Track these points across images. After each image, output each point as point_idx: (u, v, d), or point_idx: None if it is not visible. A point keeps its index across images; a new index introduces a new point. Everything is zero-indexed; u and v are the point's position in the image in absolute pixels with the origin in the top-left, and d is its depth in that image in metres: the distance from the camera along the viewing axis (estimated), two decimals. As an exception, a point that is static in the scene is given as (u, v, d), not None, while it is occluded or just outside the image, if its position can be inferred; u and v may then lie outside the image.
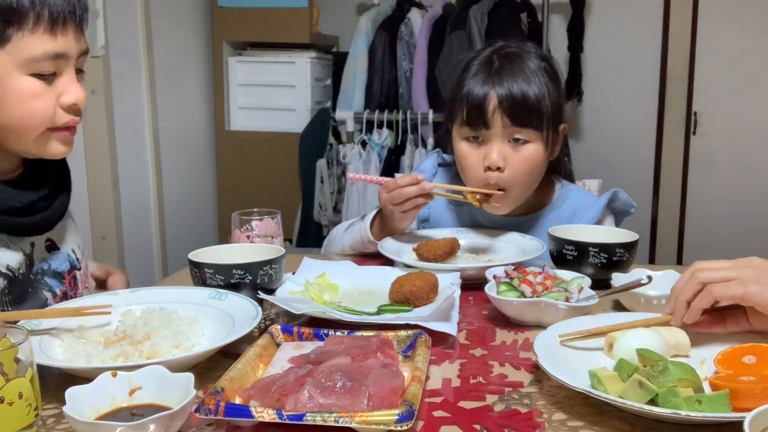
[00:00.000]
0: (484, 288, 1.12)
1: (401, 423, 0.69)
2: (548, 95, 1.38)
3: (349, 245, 1.51)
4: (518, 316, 1.08)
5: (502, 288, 1.12)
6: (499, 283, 1.13)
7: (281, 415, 0.71)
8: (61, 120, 1.07)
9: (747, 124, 3.64)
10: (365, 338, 0.91)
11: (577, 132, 3.84)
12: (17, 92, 1.03)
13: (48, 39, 1.02)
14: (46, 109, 1.05)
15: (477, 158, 1.40)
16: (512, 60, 1.40)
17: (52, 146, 1.09)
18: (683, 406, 0.73)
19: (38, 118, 1.05)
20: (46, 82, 1.04)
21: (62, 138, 1.09)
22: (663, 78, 3.76)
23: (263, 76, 3.51)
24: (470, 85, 1.40)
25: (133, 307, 1.03)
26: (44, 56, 1.02)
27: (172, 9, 3.22)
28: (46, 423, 0.77)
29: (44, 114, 1.05)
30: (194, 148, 3.54)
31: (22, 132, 1.06)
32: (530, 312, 1.06)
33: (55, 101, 1.06)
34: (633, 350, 0.85)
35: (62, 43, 1.04)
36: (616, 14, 3.73)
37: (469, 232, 1.50)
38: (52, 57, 1.03)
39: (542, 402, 0.82)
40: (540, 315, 1.06)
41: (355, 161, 3.32)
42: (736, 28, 3.61)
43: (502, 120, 1.36)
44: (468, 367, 0.92)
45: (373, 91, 3.40)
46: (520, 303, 1.06)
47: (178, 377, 0.75)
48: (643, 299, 1.08)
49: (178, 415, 0.69)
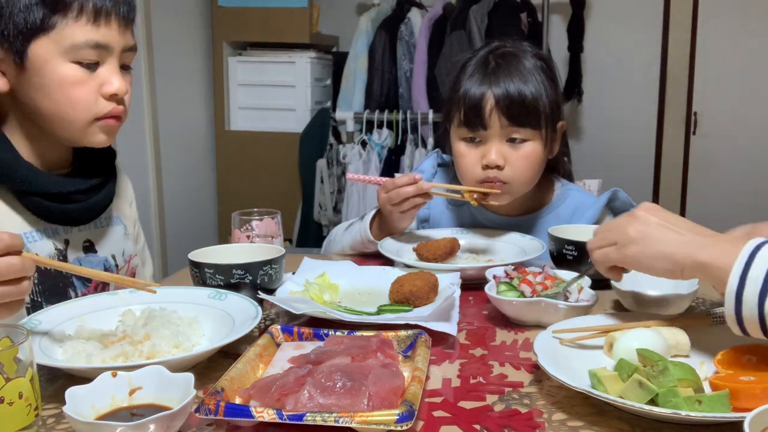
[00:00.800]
0: (484, 288, 1.12)
1: (401, 423, 0.69)
2: (545, 93, 1.38)
3: (349, 245, 1.51)
4: (518, 316, 1.08)
5: (501, 288, 1.12)
6: (499, 283, 1.13)
7: (281, 415, 0.71)
8: (104, 109, 1.11)
9: (747, 124, 3.64)
10: (365, 338, 0.91)
11: (577, 132, 3.84)
12: (60, 79, 1.07)
13: (90, 28, 1.06)
14: (87, 96, 1.09)
15: (475, 158, 1.40)
16: (508, 60, 1.40)
17: (95, 136, 1.13)
18: (683, 406, 0.73)
19: (81, 106, 1.09)
20: (88, 71, 1.08)
21: (106, 127, 1.13)
22: (663, 78, 3.76)
23: (263, 76, 3.51)
24: (467, 85, 1.40)
25: (133, 307, 1.03)
26: (86, 44, 1.06)
27: (172, 9, 3.22)
28: (46, 423, 0.77)
29: (86, 102, 1.09)
30: (194, 148, 3.54)
31: (66, 119, 1.10)
32: (530, 312, 1.06)
33: (97, 90, 1.10)
34: (633, 350, 0.85)
35: (104, 33, 1.08)
36: (616, 14, 3.73)
37: (468, 232, 1.50)
38: (93, 46, 1.07)
39: (542, 402, 0.82)
40: (540, 315, 1.06)
41: (355, 161, 3.32)
42: (736, 28, 3.61)
43: (499, 120, 1.37)
44: (468, 367, 0.92)
45: (373, 91, 3.40)
46: (519, 303, 1.06)
47: (178, 377, 0.75)
48: (643, 299, 1.08)
49: (178, 415, 0.69)
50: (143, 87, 2.98)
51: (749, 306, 0.78)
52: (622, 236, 0.92)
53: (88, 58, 1.08)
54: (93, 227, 1.23)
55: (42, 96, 1.08)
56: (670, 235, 0.88)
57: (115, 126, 1.14)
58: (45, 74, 1.07)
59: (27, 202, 1.12)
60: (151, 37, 2.96)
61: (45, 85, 1.07)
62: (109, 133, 1.15)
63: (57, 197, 1.13)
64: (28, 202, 1.12)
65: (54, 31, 1.05)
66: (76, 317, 0.99)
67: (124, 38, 1.11)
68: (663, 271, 0.88)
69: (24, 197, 1.12)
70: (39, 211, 1.13)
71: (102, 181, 1.22)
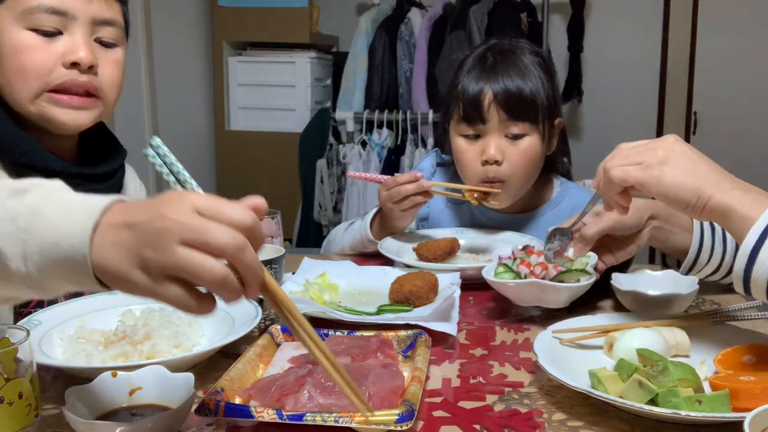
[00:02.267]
0: (482, 272, 1.12)
1: (401, 423, 0.69)
2: (543, 89, 1.40)
3: (348, 245, 1.51)
4: (517, 298, 1.08)
5: (499, 270, 1.11)
6: (498, 265, 1.13)
7: (281, 415, 0.71)
8: (58, 78, 1.05)
9: (747, 124, 3.64)
10: (365, 338, 0.91)
11: (577, 132, 3.84)
12: (12, 44, 1.03)
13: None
14: (41, 63, 1.04)
15: (474, 153, 1.41)
16: (506, 56, 1.42)
17: (52, 110, 1.07)
18: (683, 406, 0.73)
19: (31, 74, 1.04)
20: (46, 39, 1.04)
21: (64, 103, 1.06)
22: (663, 78, 3.76)
23: (263, 76, 3.51)
24: (465, 82, 1.41)
25: (133, 307, 1.02)
26: (39, 8, 1.02)
27: (172, 9, 3.21)
28: (46, 423, 0.77)
29: (37, 69, 1.04)
30: (194, 148, 3.53)
31: (15, 88, 1.05)
32: (529, 293, 1.06)
33: (55, 58, 1.04)
34: (633, 350, 0.85)
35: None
36: (616, 14, 3.73)
37: (468, 232, 1.50)
38: (48, 11, 1.03)
39: (542, 402, 0.82)
40: (539, 296, 1.05)
41: (355, 161, 3.32)
42: (736, 29, 3.61)
43: (498, 114, 1.38)
44: (468, 367, 0.92)
45: (373, 91, 3.40)
46: (516, 285, 1.05)
47: (178, 377, 0.75)
48: (643, 299, 1.08)
49: (178, 415, 0.69)
50: (143, 87, 2.98)
51: (762, 267, 0.75)
52: (650, 156, 0.85)
53: (47, 24, 1.03)
54: None
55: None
56: (702, 168, 0.83)
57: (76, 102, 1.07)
58: (1, 43, 1.03)
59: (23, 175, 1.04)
60: (151, 37, 2.96)
61: (1, 54, 1.04)
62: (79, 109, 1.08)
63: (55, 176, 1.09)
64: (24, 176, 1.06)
65: None
66: (76, 317, 0.99)
67: (92, 7, 1.06)
68: (682, 203, 0.83)
69: (23, 173, 1.05)
70: None
71: (108, 174, 1.18)
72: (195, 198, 0.58)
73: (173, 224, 0.56)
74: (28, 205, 0.60)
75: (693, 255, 1.10)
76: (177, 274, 0.56)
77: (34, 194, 0.61)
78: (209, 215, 0.57)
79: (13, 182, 0.63)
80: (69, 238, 0.58)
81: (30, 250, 0.59)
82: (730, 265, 1.09)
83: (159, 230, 0.56)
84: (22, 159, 1.06)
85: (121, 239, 0.57)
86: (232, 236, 0.57)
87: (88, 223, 0.58)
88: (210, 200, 0.58)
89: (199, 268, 0.56)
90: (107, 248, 0.58)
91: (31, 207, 0.60)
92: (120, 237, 0.58)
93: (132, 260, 0.57)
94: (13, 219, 0.59)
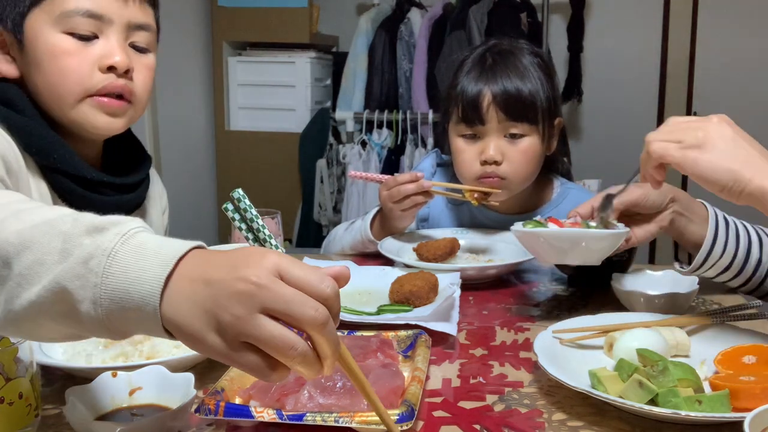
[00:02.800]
0: (510, 228, 1.09)
1: (401, 423, 0.69)
2: (542, 89, 1.40)
3: (349, 245, 1.51)
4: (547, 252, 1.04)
5: (529, 225, 1.07)
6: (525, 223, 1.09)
7: (281, 415, 0.71)
8: (98, 83, 1.05)
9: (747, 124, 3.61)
10: (365, 338, 0.91)
11: (577, 132, 3.84)
12: (49, 49, 1.03)
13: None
14: (79, 67, 1.04)
15: (473, 153, 1.41)
16: (505, 56, 1.42)
17: (92, 115, 1.07)
18: (683, 406, 0.73)
19: (71, 78, 1.04)
20: (83, 42, 1.04)
21: (103, 106, 1.07)
22: (663, 78, 3.76)
23: (263, 76, 3.51)
24: (464, 82, 1.41)
25: (133, 307, 1.02)
26: (76, 12, 1.02)
27: (172, 9, 3.21)
28: (46, 423, 0.77)
29: (77, 73, 1.04)
30: (194, 148, 3.53)
31: (57, 94, 1.05)
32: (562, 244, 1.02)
33: (92, 62, 1.05)
34: (633, 350, 0.85)
35: (99, 2, 1.04)
36: (616, 14, 3.73)
37: (469, 232, 1.50)
38: (85, 14, 1.03)
39: (542, 402, 0.82)
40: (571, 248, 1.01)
41: (355, 161, 3.32)
42: (736, 28, 3.61)
43: (497, 115, 1.38)
44: (468, 367, 0.92)
45: (373, 91, 3.40)
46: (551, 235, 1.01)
47: (178, 377, 0.75)
48: (643, 299, 1.08)
49: (178, 415, 0.69)
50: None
51: None
52: (691, 136, 0.85)
53: (83, 28, 1.03)
54: None
55: (36, 71, 1.04)
56: (742, 151, 0.83)
57: (115, 106, 1.08)
58: (37, 47, 1.03)
59: (54, 181, 1.07)
60: (151, 37, 2.96)
61: (37, 58, 1.04)
62: (112, 115, 1.08)
63: (87, 183, 1.08)
64: (55, 181, 1.07)
65: (46, 2, 1.02)
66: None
67: (127, 11, 1.06)
68: (720, 186, 0.83)
69: (52, 175, 1.06)
70: (64, 194, 1.08)
71: (135, 183, 1.18)
72: (278, 260, 0.55)
73: (255, 289, 0.53)
74: (103, 246, 0.57)
75: (708, 245, 1.08)
76: (255, 343, 0.54)
77: (111, 233, 0.58)
78: (292, 282, 0.54)
79: (92, 218, 0.60)
80: (140, 286, 0.55)
81: (100, 295, 0.56)
82: (740, 268, 1.09)
83: (239, 293, 0.53)
84: (57, 165, 1.06)
85: (198, 296, 0.55)
86: (316, 310, 0.54)
87: (162, 273, 0.55)
88: (293, 265, 0.55)
89: (280, 344, 0.53)
90: (181, 304, 0.55)
91: (105, 248, 0.57)
92: (196, 293, 0.55)
93: (208, 321, 0.54)
94: (86, 260, 0.57)
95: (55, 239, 0.58)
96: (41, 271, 0.57)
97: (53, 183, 1.07)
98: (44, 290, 0.57)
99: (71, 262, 0.57)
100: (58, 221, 0.60)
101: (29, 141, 1.04)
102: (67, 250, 0.57)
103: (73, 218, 0.60)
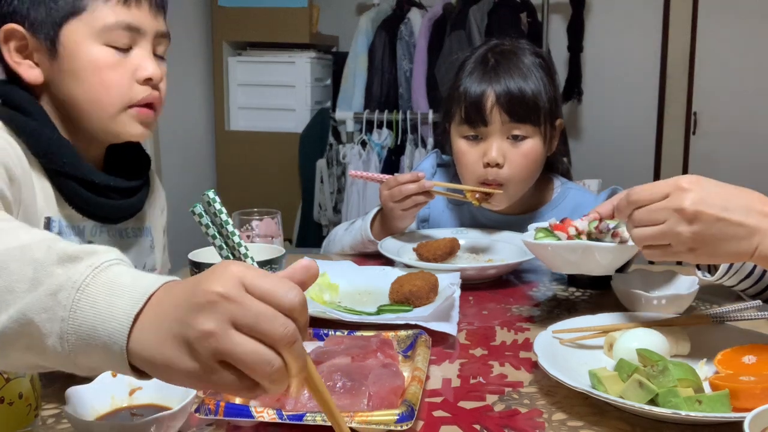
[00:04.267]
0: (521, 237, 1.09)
1: (401, 423, 0.69)
2: (544, 91, 1.39)
3: (349, 245, 1.51)
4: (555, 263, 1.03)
5: (539, 235, 1.07)
6: (537, 231, 1.08)
7: (281, 415, 0.71)
8: (139, 94, 1.07)
9: (747, 124, 3.64)
10: (365, 338, 0.91)
11: (577, 132, 3.84)
12: (92, 61, 1.04)
13: (121, 9, 1.05)
14: (121, 80, 1.06)
15: (475, 155, 1.41)
16: (507, 57, 1.41)
17: (130, 125, 1.09)
18: (683, 406, 0.73)
19: (115, 90, 1.06)
20: (121, 54, 1.06)
21: (141, 117, 1.09)
22: (663, 78, 3.76)
23: (263, 76, 3.51)
24: (467, 83, 1.41)
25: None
26: (117, 25, 1.04)
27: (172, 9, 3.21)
28: (46, 423, 0.77)
29: (119, 86, 1.06)
30: (194, 148, 3.53)
31: (100, 105, 1.06)
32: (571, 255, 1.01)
33: (131, 74, 1.07)
34: (633, 350, 0.85)
35: (136, 15, 1.06)
36: (616, 14, 3.73)
37: (469, 232, 1.50)
38: (125, 27, 1.05)
39: (542, 402, 0.82)
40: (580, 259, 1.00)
41: (355, 161, 3.32)
42: (736, 28, 3.61)
43: (500, 117, 1.37)
44: (468, 367, 0.92)
45: (373, 91, 3.40)
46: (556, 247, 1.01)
47: (178, 377, 0.75)
48: (643, 299, 1.08)
49: (178, 415, 0.69)
50: (143, 87, 2.98)
51: None
52: (677, 241, 0.82)
53: (121, 40, 1.05)
54: (119, 237, 1.20)
55: (75, 82, 1.05)
56: (731, 229, 0.79)
57: (150, 116, 1.11)
58: (77, 58, 1.04)
59: (61, 184, 1.07)
60: (151, 37, 2.96)
61: (78, 69, 1.05)
62: (146, 125, 1.11)
63: (93, 187, 1.09)
64: (62, 185, 1.07)
65: (85, 13, 1.03)
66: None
67: (156, 22, 1.09)
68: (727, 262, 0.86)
69: (59, 179, 1.07)
70: (70, 197, 1.08)
71: (138, 186, 1.19)
72: (243, 270, 0.53)
73: (219, 299, 0.51)
74: (74, 278, 0.55)
75: None
76: (230, 360, 0.51)
77: (83, 265, 0.55)
78: (257, 294, 0.52)
79: (66, 246, 0.57)
80: (108, 323, 0.53)
81: (67, 330, 0.53)
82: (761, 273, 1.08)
83: (203, 305, 0.51)
84: (66, 168, 1.06)
85: (164, 323, 0.52)
86: (285, 327, 0.52)
87: (132, 310, 0.53)
88: (258, 277, 0.53)
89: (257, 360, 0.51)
90: (149, 336, 0.53)
91: (76, 281, 0.54)
92: (162, 322, 0.53)
93: (179, 345, 0.52)
94: (55, 292, 0.54)
95: (27, 266, 0.56)
96: (9, 299, 0.55)
97: (59, 186, 1.07)
98: (10, 320, 0.55)
99: (40, 292, 0.54)
100: (33, 247, 0.57)
101: (37, 144, 1.05)
102: (37, 279, 0.55)
103: (48, 245, 0.57)
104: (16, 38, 1.05)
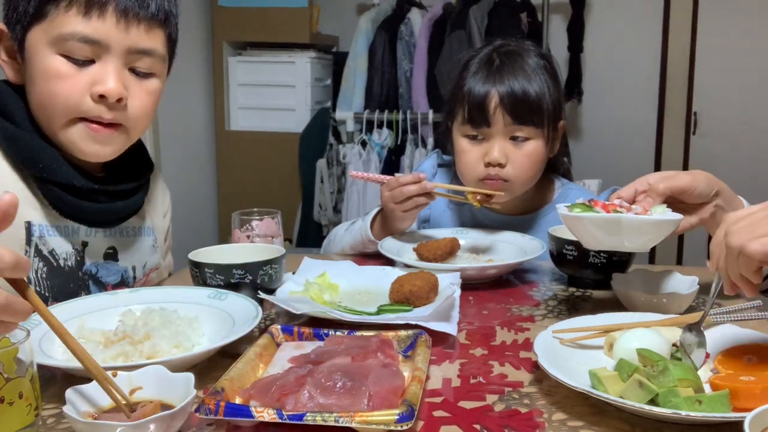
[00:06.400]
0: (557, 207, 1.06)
1: (401, 423, 0.69)
2: (548, 92, 1.39)
3: (349, 245, 1.51)
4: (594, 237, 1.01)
5: (576, 209, 1.04)
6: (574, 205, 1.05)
7: (281, 415, 0.71)
8: (88, 110, 1.03)
9: (747, 124, 3.64)
10: (365, 338, 0.91)
11: (577, 132, 3.84)
12: (43, 69, 1.02)
13: (80, 20, 1.00)
14: (70, 92, 1.02)
15: (477, 155, 1.41)
16: (512, 58, 1.41)
17: (82, 141, 1.05)
18: (683, 406, 0.73)
19: (60, 100, 1.02)
20: (77, 66, 1.02)
21: (94, 134, 1.05)
22: (663, 78, 3.76)
23: (263, 76, 3.51)
24: (471, 83, 1.40)
25: (133, 307, 1.02)
26: (72, 36, 1.00)
27: (172, 9, 3.22)
28: (46, 423, 0.77)
29: (67, 97, 1.02)
30: (194, 148, 3.53)
31: (46, 113, 1.05)
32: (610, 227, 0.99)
33: (83, 88, 1.03)
34: (633, 350, 0.85)
35: (97, 28, 1.01)
36: (616, 14, 3.74)
37: (469, 232, 1.50)
38: (81, 39, 1.01)
39: (542, 402, 0.82)
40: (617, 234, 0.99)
41: (355, 161, 3.32)
42: (736, 28, 3.62)
43: (503, 118, 1.37)
44: (468, 367, 0.92)
45: (373, 91, 3.40)
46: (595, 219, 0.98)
47: (178, 377, 0.75)
48: (643, 299, 1.08)
49: (178, 415, 0.69)
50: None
51: None
52: None
53: (79, 52, 1.01)
54: (119, 235, 1.20)
55: (31, 87, 1.05)
56: None
57: (106, 135, 1.06)
58: (33, 64, 1.03)
59: (45, 191, 1.07)
60: (151, 37, 2.96)
61: (33, 75, 1.03)
62: (103, 143, 1.06)
63: (77, 192, 1.08)
64: (47, 192, 1.07)
65: (46, 20, 1.01)
66: (76, 317, 0.99)
67: (128, 38, 1.03)
68: None
69: (44, 186, 1.06)
70: (55, 203, 1.07)
71: (132, 190, 1.17)
72: None
73: None
74: None
75: None
76: None
77: None
78: None
79: None
80: None
81: None
82: None
83: None
84: (43, 173, 1.05)
85: None
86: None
87: None
88: None
89: None
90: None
91: None
92: None
93: None
94: None
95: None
96: None
97: (44, 192, 1.07)
98: None
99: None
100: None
101: (15, 150, 1.05)
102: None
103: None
104: (5, 39, 1.06)
